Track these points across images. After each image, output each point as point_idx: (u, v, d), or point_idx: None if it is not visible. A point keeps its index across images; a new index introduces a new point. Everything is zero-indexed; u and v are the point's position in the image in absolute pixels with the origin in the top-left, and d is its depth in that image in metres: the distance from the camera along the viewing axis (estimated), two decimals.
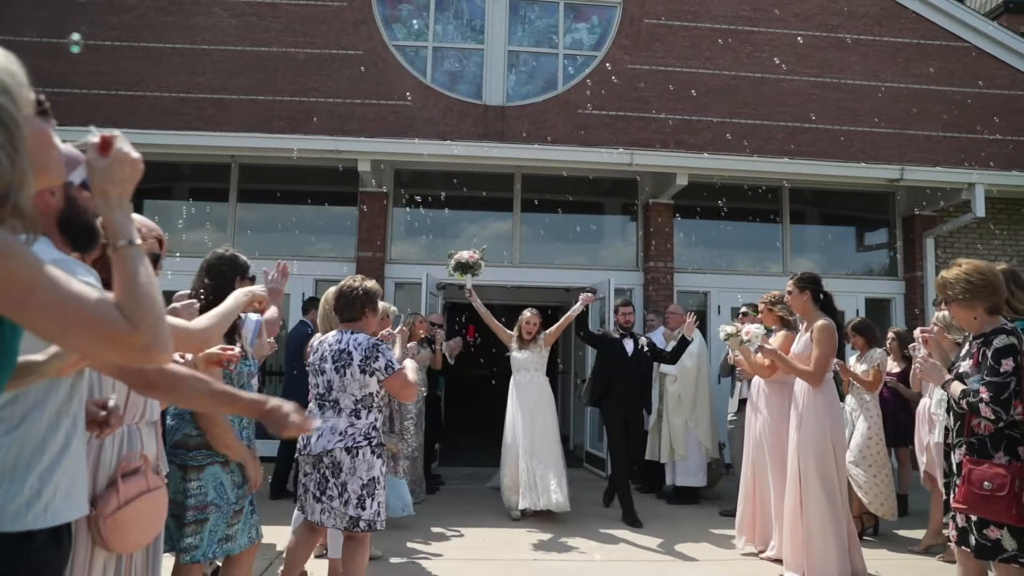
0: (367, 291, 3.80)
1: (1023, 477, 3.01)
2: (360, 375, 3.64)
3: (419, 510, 6.60)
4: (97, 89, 9.65)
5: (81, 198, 1.68)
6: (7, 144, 1.19)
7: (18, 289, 1.14)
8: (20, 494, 1.44)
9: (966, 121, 10.52)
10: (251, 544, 3.27)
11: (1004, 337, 3.12)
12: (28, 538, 1.45)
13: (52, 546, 1.51)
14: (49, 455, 1.51)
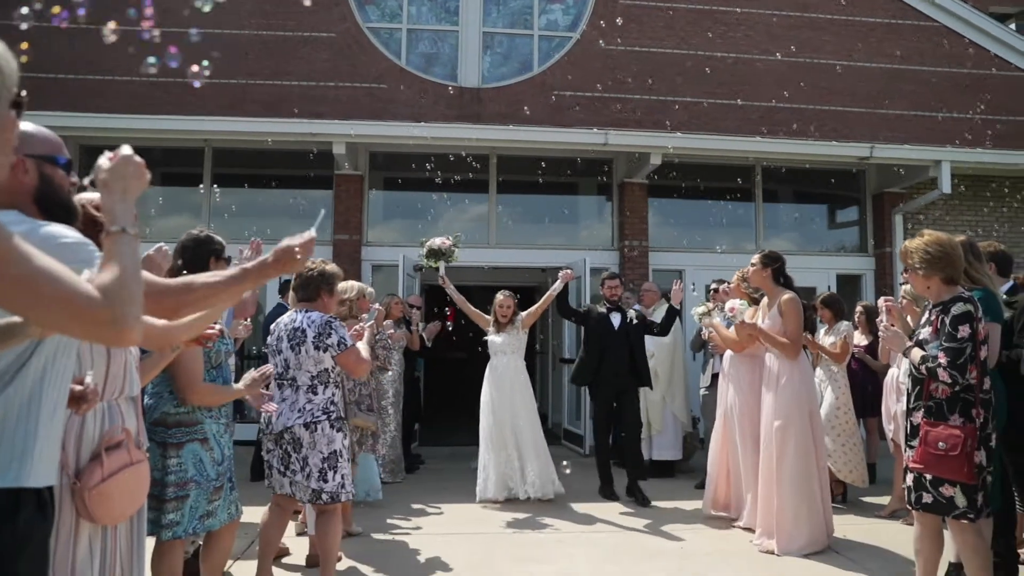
0: (323, 273, 3.89)
1: (975, 437, 3.15)
2: (314, 351, 3.74)
3: (399, 488, 6.70)
4: (65, 73, 9.50)
5: (56, 176, 1.74)
6: None
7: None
8: (8, 453, 1.50)
9: (936, 100, 10.70)
10: (231, 520, 3.33)
11: (961, 305, 3.25)
12: (15, 503, 1.50)
13: (39, 515, 1.57)
14: (34, 420, 1.57)
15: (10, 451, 1.51)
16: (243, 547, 4.54)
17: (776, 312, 5.02)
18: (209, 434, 3.19)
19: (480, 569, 4.46)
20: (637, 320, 6.49)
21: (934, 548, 3.42)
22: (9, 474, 1.50)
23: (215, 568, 3.45)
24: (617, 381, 6.34)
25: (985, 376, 3.27)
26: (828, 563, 4.57)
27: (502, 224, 10.04)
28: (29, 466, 1.53)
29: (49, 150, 1.78)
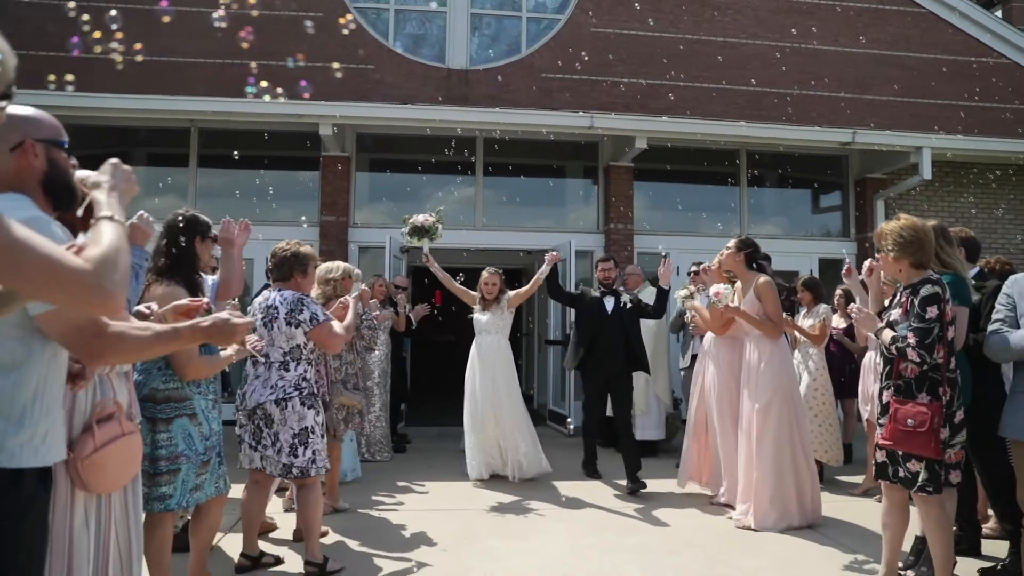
0: (296, 254, 3.98)
1: (941, 415, 3.27)
2: (286, 327, 3.83)
3: (385, 467, 6.80)
4: (48, 51, 9.39)
5: (61, 159, 1.80)
6: None
7: None
8: (20, 435, 1.63)
9: (921, 86, 10.82)
10: (219, 494, 3.42)
11: (930, 287, 3.36)
12: (19, 475, 1.63)
13: (40, 486, 1.71)
14: (41, 404, 1.71)
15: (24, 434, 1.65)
16: (231, 523, 4.62)
17: (752, 296, 5.13)
18: (197, 409, 3.26)
19: (463, 543, 4.57)
20: (631, 304, 6.31)
21: (900, 522, 3.55)
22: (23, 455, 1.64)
23: (204, 541, 3.53)
24: (610, 365, 6.17)
25: (952, 356, 3.39)
26: (802, 538, 4.72)
27: (488, 206, 10.09)
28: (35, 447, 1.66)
29: (55, 134, 1.85)
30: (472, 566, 4.17)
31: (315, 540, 3.94)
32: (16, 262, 1.29)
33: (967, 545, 4.23)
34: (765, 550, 4.49)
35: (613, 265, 6.59)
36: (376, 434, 7.12)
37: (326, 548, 4.30)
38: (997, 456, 3.72)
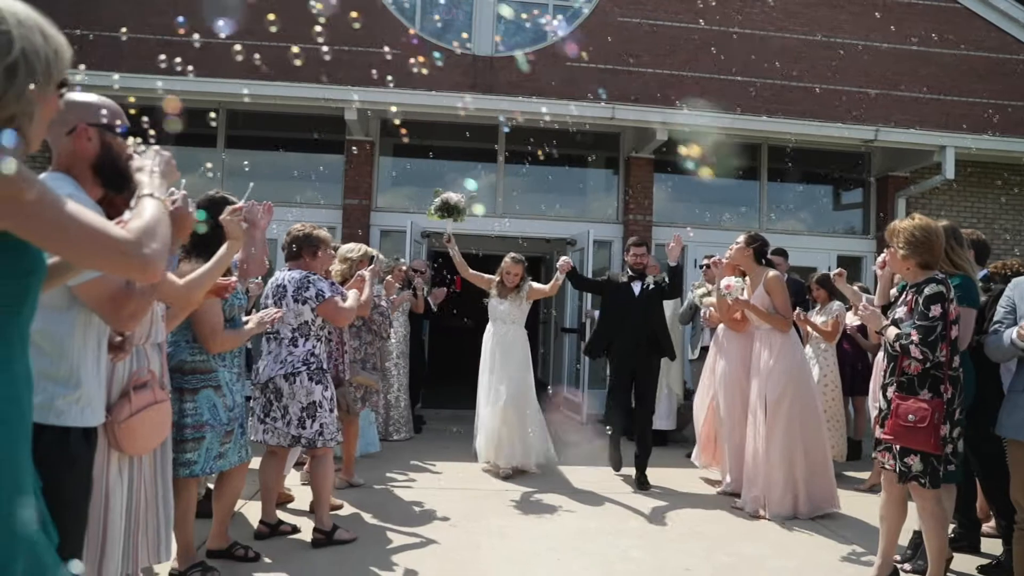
0: (307, 235, 4.15)
1: (942, 411, 3.35)
2: (294, 304, 4.00)
3: (402, 446, 6.97)
4: (79, 29, 9.61)
5: (115, 144, 1.94)
6: (38, 88, 1.42)
7: (25, 202, 1.36)
8: (69, 396, 1.84)
9: (952, 83, 10.71)
10: (241, 462, 3.59)
11: (934, 286, 3.43)
12: (66, 433, 1.84)
13: (84, 444, 1.92)
14: (87, 370, 1.92)
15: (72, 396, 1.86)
16: (250, 493, 4.80)
17: (762, 290, 5.20)
18: (222, 382, 3.42)
19: (472, 520, 4.72)
20: (653, 286, 6.04)
21: (897, 515, 3.64)
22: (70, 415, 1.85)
23: (226, 506, 3.72)
24: (637, 352, 5.92)
25: (955, 355, 3.45)
26: (804, 529, 4.81)
27: (509, 193, 10.18)
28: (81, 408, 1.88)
29: (110, 119, 1.99)
30: (480, 543, 4.32)
31: (324, 508, 4.12)
32: (66, 232, 1.41)
33: (967, 543, 4.30)
34: (767, 539, 4.59)
35: (646, 251, 6.26)
36: (395, 414, 7.29)
37: (341, 519, 4.47)
38: (995, 455, 3.79)
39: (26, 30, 1.41)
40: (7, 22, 1.38)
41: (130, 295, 1.95)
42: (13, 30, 1.38)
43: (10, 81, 1.37)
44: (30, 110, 1.44)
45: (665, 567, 4.06)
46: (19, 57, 1.38)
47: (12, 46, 1.37)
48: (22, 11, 1.43)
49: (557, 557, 4.13)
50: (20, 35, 1.39)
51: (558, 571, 3.95)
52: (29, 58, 1.40)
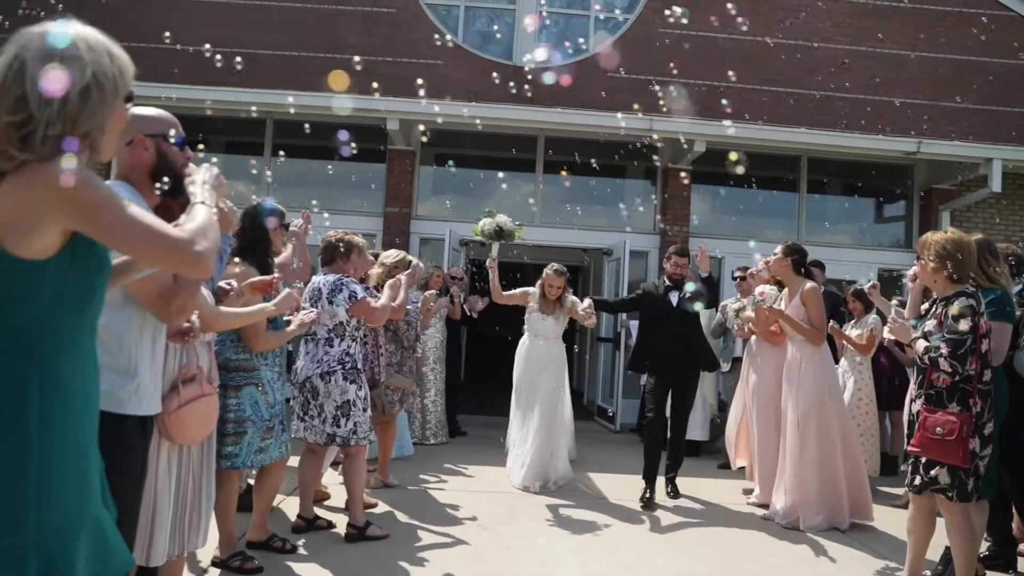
0: (339, 240, 4.33)
1: (971, 425, 3.35)
2: (328, 306, 4.17)
3: (437, 450, 7.11)
4: (135, 42, 9.98)
5: (171, 153, 2.11)
6: (109, 105, 1.58)
7: (95, 207, 1.52)
8: (128, 387, 2.05)
9: (1003, 94, 10.46)
10: (280, 458, 3.76)
11: (964, 299, 3.43)
12: (124, 421, 2.04)
13: (140, 432, 2.13)
14: (143, 362, 2.12)
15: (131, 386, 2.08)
16: (289, 489, 4.97)
17: (798, 301, 5.21)
18: (264, 380, 3.60)
19: (503, 523, 4.82)
20: (690, 295, 5.67)
21: (925, 529, 3.64)
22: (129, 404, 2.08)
23: (266, 499, 3.89)
24: (675, 364, 5.65)
25: (986, 369, 3.44)
26: (833, 540, 4.79)
27: (546, 203, 10.28)
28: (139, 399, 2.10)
29: (165, 129, 2.17)
30: (510, 544, 4.41)
31: (358, 505, 4.27)
32: (131, 231, 1.57)
33: (1002, 561, 4.24)
34: (797, 551, 4.59)
35: (686, 261, 5.92)
36: (430, 418, 7.43)
37: (374, 517, 4.61)
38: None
39: (96, 54, 1.57)
40: (79, 49, 1.54)
41: (177, 291, 2.12)
42: (85, 55, 1.54)
43: (84, 102, 1.53)
44: (102, 125, 1.60)
45: (689, 574, 4.10)
46: (91, 80, 1.54)
47: (85, 70, 1.53)
48: (91, 36, 1.59)
49: (582, 561, 4.20)
50: (91, 59, 1.55)
51: (582, 574, 4.02)
52: (99, 79, 1.56)
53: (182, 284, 2.12)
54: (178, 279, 2.12)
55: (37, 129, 1.47)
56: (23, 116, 1.46)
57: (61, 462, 1.49)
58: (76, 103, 1.51)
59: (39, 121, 1.47)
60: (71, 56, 1.52)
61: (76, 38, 1.56)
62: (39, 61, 1.49)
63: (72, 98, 1.50)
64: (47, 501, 1.46)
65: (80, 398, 1.55)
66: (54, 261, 1.53)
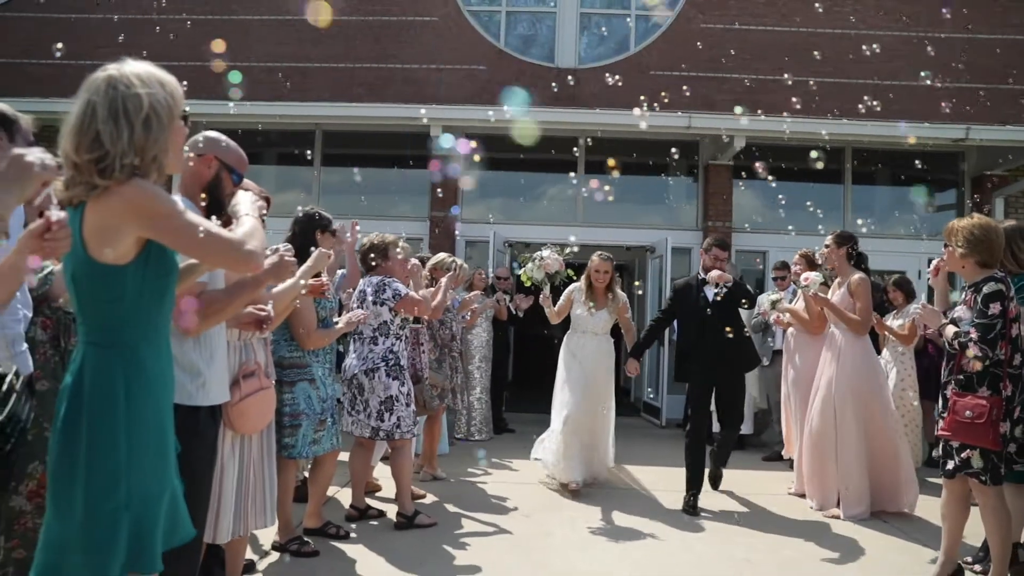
0: (373, 245, 4.54)
1: (1000, 408, 3.39)
2: (373, 306, 4.39)
3: (484, 445, 7.32)
4: (194, 61, 10.46)
5: (226, 180, 2.43)
6: (168, 128, 1.83)
7: (162, 216, 1.79)
8: (195, 382, 2.36)
9: None
10: (332, 449, 4.03)
11: (993, 284, 3.48)
12: (196, 411, 2.34)
13: (210, 420, 2.43)
14: (204, 360, 2.42)
15: (198, 382, 2.39)
16: (343, 481, 5.25)
17: (845, 291, 5.24)
18: (316, 376, 3.86)
19: (545, 512, 5.01)
20: (726, 291, 5.30)
21: (959, 514, 3.67)
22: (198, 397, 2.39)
23: (320, 488, 4.17)
24: (718, 365, 5.27)
25: (1016, 353, 3.48)
26: (875, 529, 4.84)
27: (588, 203, 10.40)
28: (207, 392, 2.42)
29: (233, 162, 2.47)
30: (552, 531, 4.60)
31: (406, 495, 4.51)
32: (193, 235, 1.83)
33: None
34: (836, 537, 4.65)
35: (727, 255, 5.60)
36: (476, 415, 7.65)
37: (424, 507, 4.84)
38: None
39: (149, 87, 1.81)
40: (135, 85, 1.79)
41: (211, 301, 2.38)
42: (140, 90, 1.79)
43: (147, 131, 1.78)
44: (165, 147, 1.85)
45: (727, 559, 4.21)
46: (150, 111, 1.79)
47: (142, 103, 1.78)
48: (143, 70, 1.85)
49: (623, 547, 4.35)
50: (147, 93, 1.80)
51: (623, 558, 4.16)
52: (157, 109, 1.81)
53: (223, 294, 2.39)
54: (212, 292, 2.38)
55: (114, 162, 1.73)
56: (100, 153, 1.73)
57: (145, 438, 1.76)
58: (141, 133, 1.77)
59: (115, 156, 1.74)
60: (132, 95, 1.77)
61: (130, 76, 1.81)
62: (105, 103, 1.75)
63: (137, 130, 1.75)
64: (135, 472, 1.72)
65: (159, 383, 1.82)
66: (132, 266, 1.79)
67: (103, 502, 1.68)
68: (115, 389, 1.74)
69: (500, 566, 3.96)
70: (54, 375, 2.93)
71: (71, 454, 1.70)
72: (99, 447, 1.70)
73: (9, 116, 2.71)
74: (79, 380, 1.76)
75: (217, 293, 2.42)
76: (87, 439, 1.69)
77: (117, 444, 1.71)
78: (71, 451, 1.71)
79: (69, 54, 10.45)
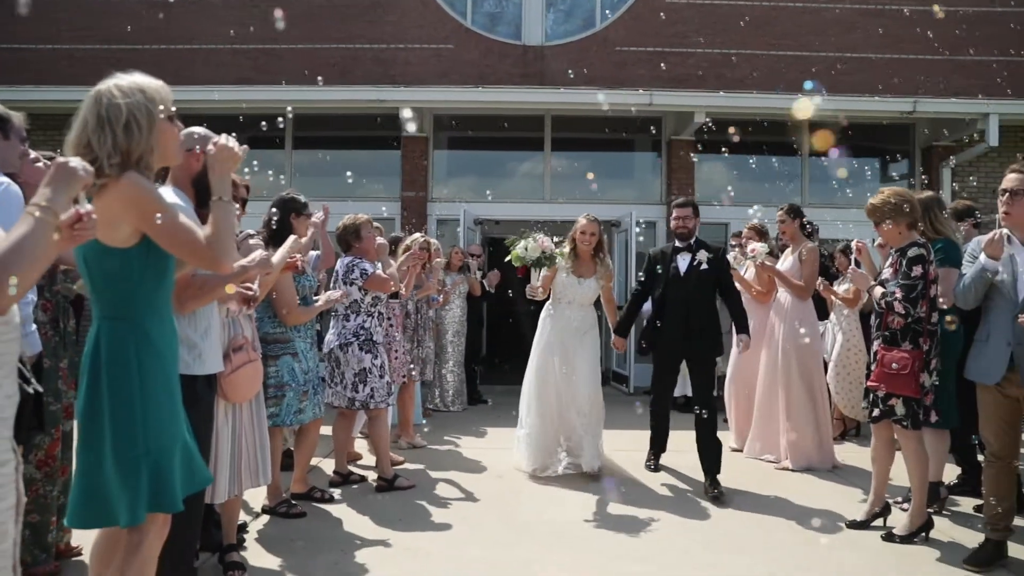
0: (346, 226, 4.81)
1: (920, 361, 3.78)
2: (344, 286, 4.67)
3: (459, 417, 7.64)
4: (159, 44, 10.46)
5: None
6: (148, 130, 2.08)
7: (151, 213, 2.05)
8: (192, 353, 2.64)
9: (997, 46, 10.49)
10: (315, 418, 4.32)
11: (916, 248, 3.86)
12: (193, 380, 2.62)
13: (207, 388, 2.74)
14: (199, 334, 2.70)
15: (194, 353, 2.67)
16: (326, 451, 5.53)
17: (796, 259, 5.65)
18: (298, 349, 4.13)
19: (518, 473, 5.32)
20: (708, 265, 5.04)
21: (886, 457, 4.08)
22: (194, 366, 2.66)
23: (306, 455, 4.48)
24: (681, 342, 5.04)
25: (934, 311, 3.85)
26: (825, 479, 5.29)
27: (555, 179, 10.67)
28: (203, 361, 2.71)
29: None
30: (521, 489, 4.96)
31: (385, 460, 4.84)
32: (174, 234, 2.09)
33: (969, 487, 4.65)
34: (783, 484, 5.07)
35: (692, 213, 5.20)
36: (449, 388, 7.96)
37: (402, 472, 5.16)
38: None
39: (129, 96, 2.08)
40: (116, 97, 2.07)
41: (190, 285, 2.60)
42: (121, 100, 2.05)
43: (128, 135, 2.05)
44: (151, 147, 2.11)
45: (690, 505, 4.58)
46: (129, 118, 2.05)
47: (121, 112, 2.05)
48: (126, 82, 2.12)
49: (586, 498, 4.70)
50: (126, 102, 2.06)
51: (586, 508, 4.51)
52: (136, 115, 2.07)
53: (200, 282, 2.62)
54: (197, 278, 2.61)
55: (103, 164, 2.01)
56: (91, 157, 2.01)
57: (157, 398, 2.06)
58: (123, 138, 2.04)
59: (102, 159, 2.03)
60: (113, 106, 2.06)
61: (112, 88, 2.09)
62: (94, 115, 2.06)
63: (119, 135, 2.02)
64: (149, 426, 2.02)
65: (166, 351, 2.10)
66: (135, 249, 2.07)
67: (127, 450, 2.00)
68: (127, 356, 2.02)
69: (472, 519, 4.31)
70: (55, 354, 3.18)
71: (97, 411, 2.02)
72: (119, 405, 2.00)
73: (2, 115, 2.93)
74: (96, 350, 2.04)
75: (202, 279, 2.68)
76: (108, 398, 2.00)
77: (133, 403, 2.00)
78: (97, 408, 2.02)
79: (32, 38, 10.45)
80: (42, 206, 1.61)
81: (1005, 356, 3.46)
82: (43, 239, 1.58)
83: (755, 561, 3.69)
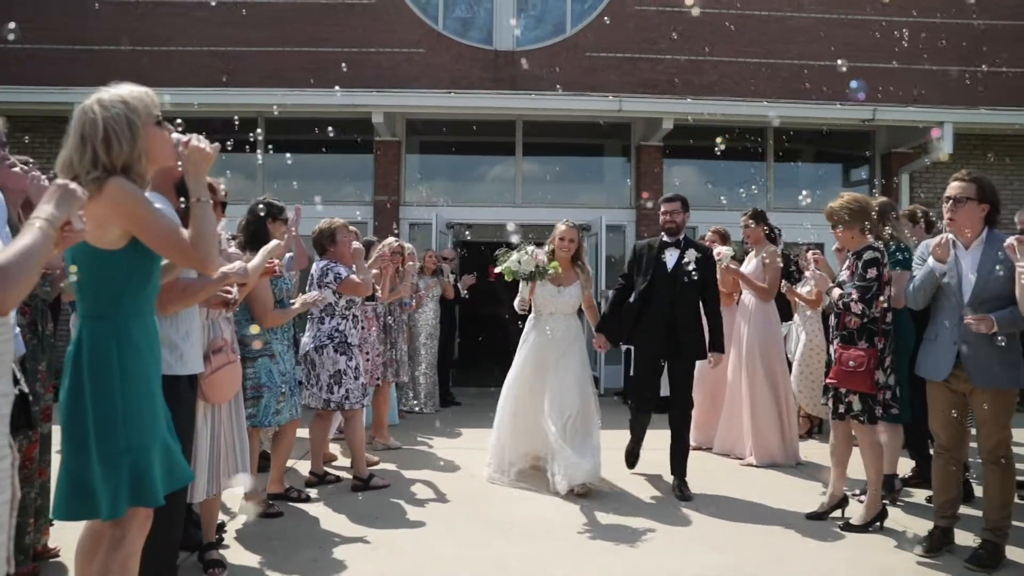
0: (321, 231, 4.90)
1: (875, 359, 3.98)
2: (319, 289, 4.75)
3: (431, 417, 7.72)
4: (133, 45, 10.39)
5: None
6: (133, 138, 2.15)
7: (140, 216, 2.13)
8: (173, 354, 2.72)
9: (977, 54, 10.83)
10: (292, 419, 4.38)
11: (871, 252, 4.06)
12: (176, 380, 2.71)
13: (189, 388, 2.83)
14: (180, 336, 2.80)
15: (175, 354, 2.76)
16: (301, 453, 5.58)
17: (760, 262, 5.85)
18: (276, 351, 4.19)
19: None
20: (695, 266, 4.91)
21: (844, 451, 4.28)
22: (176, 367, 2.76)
23: (282, 456, 4.53)
24: (662, 341, 4.89)
25: (888, 312, 4.05)
26: (788, 474, 5.48)
27: (527, 184, 10.80)
28: (185, 362, 2.81)
29: None
30: (494, 488, 5.04)
31: (360, 460, 4.92)
32: (160, 236, 2.17)
33: (922, 479, 4.86)
34: (747, 480, 5.24)
35: (680, 207, 5.09)
36: (422, 390, 8.03)
37: (377, 472, 5.23)
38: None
39: (108, 110, 2.16)
40: (96, 112, 2.15)
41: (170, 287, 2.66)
42: (99, 115, 2.13)
43: (108, 148, 2.14)
44: (137, 154, 2.19)
45: (664, 504, 4.72)
46: (108, 130, 2.13)
47: (97, 126, 2.12)
48: (108, 96, 2.20)
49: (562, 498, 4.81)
50: (104, 117, 2.14)
51: (559, 508, 4.63)
52: (116, 129, 2.15)
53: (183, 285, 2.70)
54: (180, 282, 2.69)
55: (82, 179, 2.09)
56: (72, 174, 2.11)
57: (137, 397, 2.14)
58: (102, 152, 2.11)
59: (81, 174, 2.11)
60: (90, 121, 2.15)
61: (94, 102, 2.17)
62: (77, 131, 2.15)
63: (98, 150, 2.11)
64: (129, 423, 2.10)
65: (147, 352, 2.18)
66: (123, 251, 2.15)
67: (108, 445, 2.08)
68: (108, 356, 2.10)
69: (445, 517, 4.41)
70: (33, 356, 3.22)
71: (80, 408, 2.09)
72: (100, 403, 2.08)
73: None
74: (78, 349, 2.12)
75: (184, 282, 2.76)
76: (90, 396, 2.08)
77: (114, 400, 2.08)
78: (79, 406, 2.10)
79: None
80: (45, 219, 1.69)
81: (952, 353, 3.65)
82: (46, 248, 1.67)
83: (725, 553, 3.84)
